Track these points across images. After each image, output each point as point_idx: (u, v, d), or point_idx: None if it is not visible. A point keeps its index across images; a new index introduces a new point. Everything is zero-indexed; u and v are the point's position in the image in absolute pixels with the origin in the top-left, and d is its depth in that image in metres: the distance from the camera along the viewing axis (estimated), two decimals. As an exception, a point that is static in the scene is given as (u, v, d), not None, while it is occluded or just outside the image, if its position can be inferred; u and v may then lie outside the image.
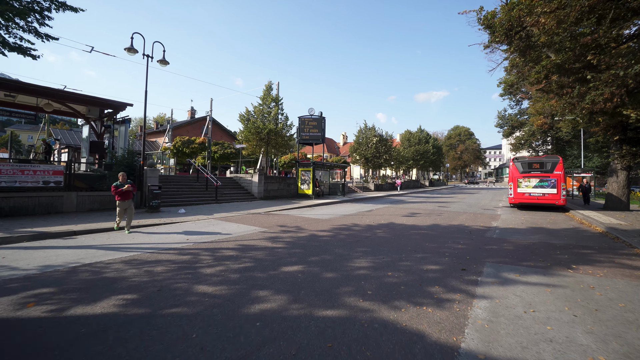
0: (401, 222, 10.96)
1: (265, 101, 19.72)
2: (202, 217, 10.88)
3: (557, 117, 15.96)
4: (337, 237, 8.06)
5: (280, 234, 8.28)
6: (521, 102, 39.67)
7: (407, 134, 48.50)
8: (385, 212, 14.39)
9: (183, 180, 16.32)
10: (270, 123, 18.80)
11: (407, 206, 17.45)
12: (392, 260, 5.79)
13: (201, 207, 13.68)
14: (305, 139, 24.64)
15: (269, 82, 20.10)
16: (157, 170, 12.65)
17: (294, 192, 20.63)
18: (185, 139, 25.71)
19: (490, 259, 5.96)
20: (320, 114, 25.06)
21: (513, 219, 12.16)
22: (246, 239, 7.53)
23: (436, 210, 15.18)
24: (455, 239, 8.04)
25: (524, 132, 36.61)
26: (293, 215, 12.36)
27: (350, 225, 10.04)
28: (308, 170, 19.60)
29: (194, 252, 6.15)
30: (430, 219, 11.88)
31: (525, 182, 15.45)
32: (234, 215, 11.71)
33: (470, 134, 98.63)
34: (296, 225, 9.91)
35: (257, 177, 17.83)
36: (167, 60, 12.96)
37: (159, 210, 11.64)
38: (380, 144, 32.76)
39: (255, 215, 12.00)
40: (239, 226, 9.41)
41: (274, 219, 11.30)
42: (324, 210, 14.75)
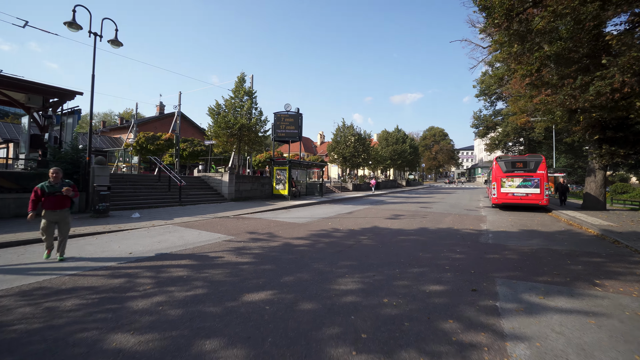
0: (386, 226, 9.96)
1: (238, 94, 18.15)
2: (159, 223, 9.32)
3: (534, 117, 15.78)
4: (316, 246, 6.88)
5: (248, 244, 6.97)
6: (495, 103, 40.44)
7: (384, 134, 48.24)
8: (366, 214, 13.39)
9: (143, 179, 14.49)
10: (243, 118, 17.30)
11: (388, 207, 16.59)
12: (385, 278, 4.68)
13: (161, 210, 12.02)
14: (281, 137, 23.24)
15: (241, 73, 18.55)
16: (107, 168, 10.87)
17: (269, 193, 19.23)
18: (149, 135, 23.52)
19: (498, 273, 5.01)
20: (297, 110, 23.78)
21: (501, 221, 11.53)
22: (205, 251, 6.16)
23: (419, 212, 14.39)
24: (450, 246, 7.10)
25: (499, 132, 37.26)
26: (266, 219, 11.04)
27: (330, 231, 8.88)
28: (284, 169, 18.28)
29: (132, 273, 4.73)
30: (416, 222, 10.98)
31: (509, 182, 15.03)
32: (197, 220, 10.22)
33: (444, 134, 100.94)
34: (268, 231, 8.62)
35: (227, 176, 16.29)
36: (119, 41, 11.19)
37: (107, 214, 9.92)
38: (358, 143, 31.97)
39: (223, 220, 10.56)
40: (200, 234, 7.98)
41: (244, 223, 9.94)
42: (300, 212, 13.52)
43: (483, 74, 40.01)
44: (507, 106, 38.77)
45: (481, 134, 40.29)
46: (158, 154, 24.33)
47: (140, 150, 23.73)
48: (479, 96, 40.19)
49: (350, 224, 10.37)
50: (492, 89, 37.44)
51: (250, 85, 18.87)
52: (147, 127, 36.81)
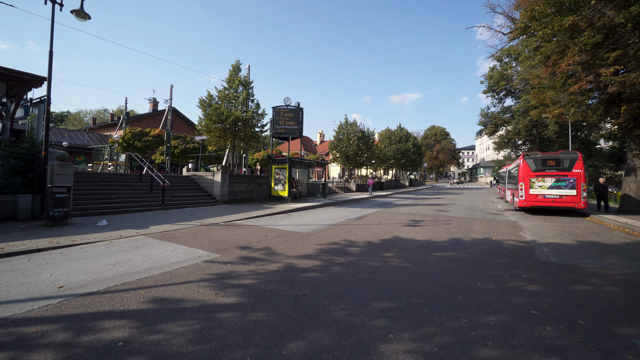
0: (410, 237, 8.11)
1: (232, 84, 16.26)
2: (128, 234, 7.44)
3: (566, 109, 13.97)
4: (329, 270, 5.02)
5: (237, 267, 5.10)
6: (504, 100, 38.70)
7: (387, 132, 46.43)
8: (380, 219, 11.54)
9: (121, 179, 12.57)
10: (237, 110, 15.41)
11: (400, 210, 14.75)
12: (454, 340, 2.84)
13: (138, 215, 10.13)
14: (280, 133, 21.34)
15: (236, 61, 16.67)
16: (69, 165, 8.96)
17: (267, 194, 17.35)
18: (137, 130, 21.59)
19: (625, 327, 3.18)
20: (297, 105, 21.93)
21: (541, 229, 9.71)
22: (174, 282, 4.30)
23: (439, 217, 12.56)
24: (507, 268, 5.27)
25: (509, 130, 35.50)
26: (262, 227, 9.16)
27: (343, 245, 7.02)
28: (283, 167, 16.41)
29: (32, 336, 2.85)
30: (442, 231, 9.15)
31: (539, 182, 13.21)
32: (177, 229, 8.33)
33: (446, 134, 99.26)
34: (265, 245, 6.75)
35: (219, 175, 14.40)
36: (86, 12, 9.28)
37: (64, 222, 8.01)
38: (362, 141, 30.12)
39: (210, 229, 8.68)
40: (175, 250, 6.10)
41: (235, 234, 8.06)
42: (303, 217, 11.65)
43: (491, 69, 38.32)
44: (516, 102, 37.05)
45: (489, 132, 38.51)
46: (146, 151, 22.40)
47: (127, 148, 21.80)
48: (486, 92, 38.41)
49: (366, 233, 8.52)
50: (502, 84, 35.69)
51: (246, 74, 16.98)
52: (139, 124, 34.83)
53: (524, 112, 31.41)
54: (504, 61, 37.28)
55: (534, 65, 17.28)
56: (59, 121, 74.15)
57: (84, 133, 34.87)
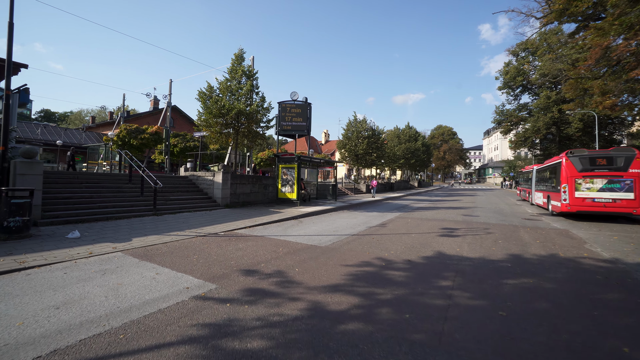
0: (456, 252, 6.46)
1: (235, 74, 14.67)
2: (102, 249, 5.84)
3: (619, 99, 12.26)
4: (376, 316, 3.38)
5: (240, 310, 3.47)
6: (520, 96, 36.83)
7: (396, 131, 44.66)
8: (406, 227, 9.88)
9: (107, 180, 10.97)
10: (240, 103, 13.81)
11: (424, 215, 13.08)
12: None
13: (123, 223, 8.55)
14: (287, 130, 19.78)
15: (239, 49, 15.08)
16: (37, 163, 7.40)
17: (273, 196, 15.74)
18: (133, 127, 20.08)
19: None
20: (305, 100, 20.35)
21: (607, 240, 8.01)
22: (140, 348, 2.68)
23: (472, 223, 10.88)
24: (628, 308, 3.59)
25: (526, 128, 33.63)
26: (271, 239, 7.53)
27: (379, 266, 5.37)
28: (291, 167, 14.78)
29: None
30: (489, 243, 7.48)
31: (587, 184, 11.47)
32: (167, 242, 6.72)
33: (453, 133, 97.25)
34: (277, 269, 5.11)
35: (220, 176, 12.80)
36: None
37: (25, 235, 6.43)
38: (372, 139, 28.43)
39: (207, 241, 7.06)
40: (157, 276, 4.49)
41: (237, 249, 6.43)
42: (317, 225, 10.01)
43: (506, 64, 36.49)
44: (534, 99, 35.18)
45: (505, 130, 36.62)
46: (143, 150, 20.89)
47: (122, 146, 20.29)
48: (502, 88, 36.55)
49: (399, 247, 6.86)
50: (518, 80, 33.83)
51: (250, 64, 15.39)
52: (139, 122, 33.32)
53: (544, 109, 29.56)
54: (520, 56, 35.45)
55: (565, 54, 15.52)
56: (61, 120, 73.12)
57: (81, 132, 33.52)
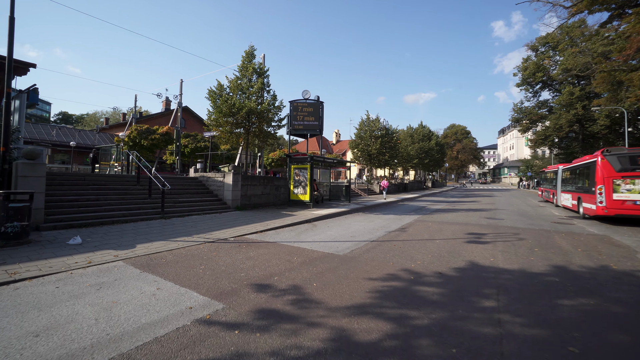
0: (490, 262, 5.75)
1: (245, 72, 14.21)
2: (103, 258, 5.39)
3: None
4: (415, 353, 2.73)
5: (250, 339, 2.89)
6: (539, 93, 35.35)
7: (409, 130, 43.60)
8: (428, 231, 9.16)
9: (115, 182, 10.61)
10: (251, 101, 13.33)
11: (444, 218, 12.30)
12: None
13: (129, 227, 8.14)
14: (298, 129, 19.20)
15: (249, 47, 14.62)
16: (39, 165, 7.05)
17: (285, 198, 15.21)
18: (143, 128, 19.90)
19: None
20: (317, 99, 19.76)
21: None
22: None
23: (499, 227, 10.08)
24: None
25: (546, 126, 32.20)
26: (284, 246, 6.96)
27: (407, 281, 4.72)
28: (304, 167, 14.21)
29: None
30: (524, 251, 6.73)
31: (627, 185, 10.50)
32: (173, 250, 6.24)
33: (467, 132, 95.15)
34: (293, 283, 4.52)
35: (231, 177, 12.34)
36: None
37: (24, 240, 6.04)
38: (386, 138, 27.63)
39: (216, 249, 6.54)
40: (157, 293, 3.96)
41: (248, 258, 5.89)
42: (333, 229, 9.40)
43: (525, 60, 35.07)
44: (555, 95, 33.69)
45: (523, 129, 35.19)
46: (154, 150, 20.70)
47: (133, 146, 20.13)
48: (520, 85, 35.13)
49: (425, 256, 6.19)
50: (538, 76, 32.41)
51: (261, 62, 14.91)
52: (151, 123, 33.31)
53: (567, 106, 28.15)
54: (539, 51, 34.00)
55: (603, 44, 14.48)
56: (77, 122, 74.73)
57: (95, 133, 33.84)
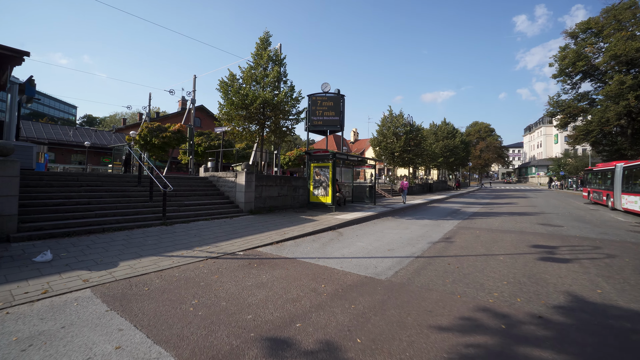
0: (611, 301, 3.98)
1: (259, 60, 12.81)
2: (66, 284, 4.02)
3: None
4: None
5: None
6: (579, 84, 32.26)
7: (432, 127, 41.28)
8: (481, 243, 7.38)
9: (112, 182, 9.29)
10: (267, 92, 11.91)
11: (489, 224, 10.43)
12: None
13: (121, 236, 6.83)
14: (317, 126, 17.68)
15: (264, 32, 13.21)
16: (13, 163, 5.84)
17: (304, 200, 13.70)
18: (154, 126, 18.94)
19: None
20: (337, 92, 18.19)
21: None
22: None
23: (567, 238, 8.16)
24: None
25: (590, 120, 29.19)
26: (307, 266, 5.41)
27: (501, 336, 3.04)
28: (325, 166, 12.65)
29: None
30: (635, 274, 4.89)
31: None
32: (163, 270, 4.81)
33: (490, 130, 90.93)
34: (323, 337, 2.93)
35: (243, 176, 10.94)
36: None
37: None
38: (411, 135, 25.68)
39: (218, 268, 5.06)
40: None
41: (260, 284, 4.36)
42: (364, 239, 7.77)
43: (562, 48, 32.08)
44: (598, 87, 30.60)
45: (561, 124, 32.18)
46: (166, 149, 19.73)
47: (145, 145, 19.23)
48: (557, 76, 32.12)
49: (501, 285, 4.48)
50: (579, 65, 29.44)
51: (277, 48, 13.45)
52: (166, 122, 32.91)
53: (616, 97, 25.22)
54: (579, 38, 30.99)
55: None
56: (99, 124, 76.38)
57: (112, 133, 33.60)
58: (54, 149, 29.24)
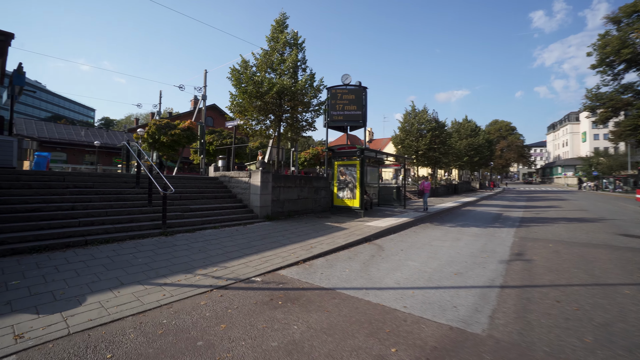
0: None
1: (275, 45, 11.28)
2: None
3: None
4: None
5: None
6: (622, 75, 29.45)
7: (454, 124, 38.92)
8: (570, 264, 5.54)
9: (105, 183, 7.84)
10: (284, 79, 10.35)
11: (555, 234, 8.50)
12: None
13: (106, 252, 5.36)
14: (337, 121, 15.94)
15: (280, 14, 11.67)
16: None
17: (326, 204, 12.05)
18: (163, 123, 17.74)
19: None
20: (359, 84, 16.46)
21: None
22: None
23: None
24: None
25: (637, 113, 26.44)
26: (354, 304, 3.74)
27: None
28: (352, 165, 10.98)
29: None
30: None
31: None
32: (145, 313, 3.25)
33: (512, 128, 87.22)
34: None
35: (259, 176, 9.40)
36: None
37: None
38: (437, 132, 23.69)
39: (225, 308, 3.45)
40: None
41: (289, 346, 2.74)
42: (413, 256, 6.06)
43: (602, 36, 29.41)
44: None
45: (602, 118, 29.46)
46: (176, 148, 18.46)
47: (153, 144, 18.03)
48: (597, 66, 29.46)
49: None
50: (624, 53, 26.75)
51: (295, 31, 11.86)
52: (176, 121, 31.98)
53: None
54: (623, 23, 28.25)
55: None
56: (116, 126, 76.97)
57: (124, 133, 32.90)
58: (67, 149, 28.69)
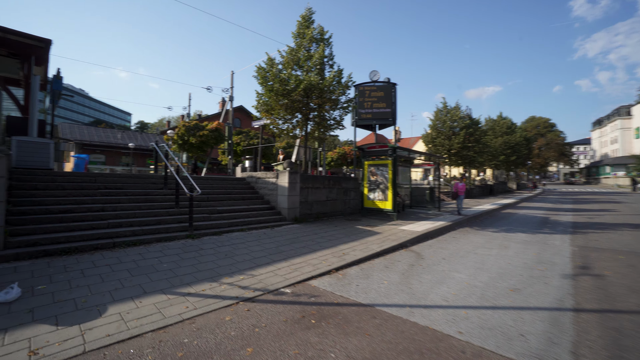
0: None
1: (302, 41, 10.94)
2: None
3: None
4: None
5: None
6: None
7: (489, 122, 36.81)
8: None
9: (134, 184, 7.80)
10: (310, 76, 9.97)
11: (622, 243, 7.43)
12: None
13: (132, 255, 5.22)
14: (365, 119, 15.32)
15: (306, 10, 11.32)
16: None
17: (356, 206, 11.54)
18: (191, 124, 18.01)
19: None
20: (387, 80, 15.73)
21: None
22: None
23: None
24: None
25: None
26: (398, 327, 3.22)
27: None
28: (384, 164, 10.39)
29: None
30: None
31: None
32: (166, 328, 2.94)
33: (551, 125, 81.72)
34: None
35: (286, 177, 9.08)
36: None
37: None
38: (471, 130, 22.37)
39: (253, 327, 3.06)
40: None
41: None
42: (458, 266, 5.42)
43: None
44: None
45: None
46: (204, 149, 18.71)
47: (182, 145, 18.38)
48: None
49: None
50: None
51: (321, 26, 11.45)
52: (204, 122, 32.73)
53: None
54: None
55: None
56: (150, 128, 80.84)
57: (156, 135, 34.18)
58: (106, 151, 30.27)
